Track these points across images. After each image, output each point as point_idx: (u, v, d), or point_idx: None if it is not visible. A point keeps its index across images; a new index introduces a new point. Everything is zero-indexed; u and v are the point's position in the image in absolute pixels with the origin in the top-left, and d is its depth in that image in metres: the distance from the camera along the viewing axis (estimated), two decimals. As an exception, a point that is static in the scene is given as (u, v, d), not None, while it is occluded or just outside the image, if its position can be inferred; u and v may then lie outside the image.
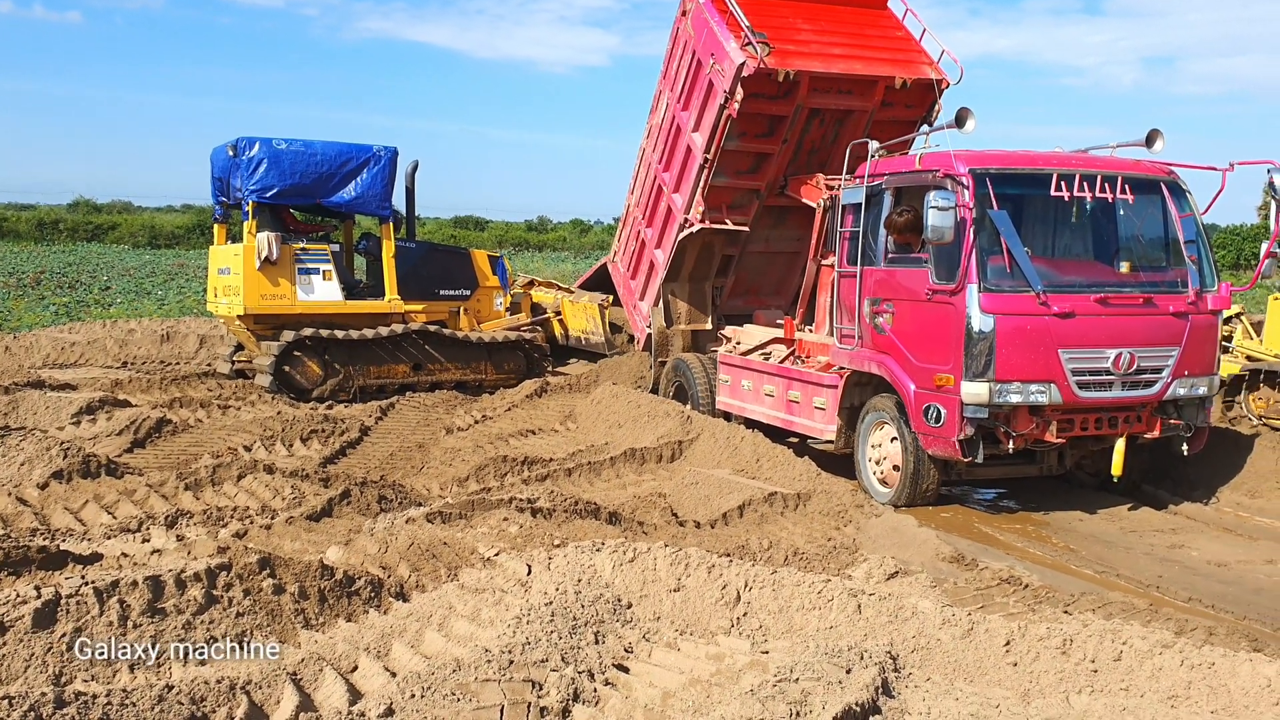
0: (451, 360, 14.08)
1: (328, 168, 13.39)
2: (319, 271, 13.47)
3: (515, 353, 14.60)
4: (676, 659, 4.92)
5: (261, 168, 13.02)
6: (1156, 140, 8.92)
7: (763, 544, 7.16)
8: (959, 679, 4.80)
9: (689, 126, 11.54)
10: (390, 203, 13.90)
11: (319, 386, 13.14)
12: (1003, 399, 8.06)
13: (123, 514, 7.33)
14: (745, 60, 10.40)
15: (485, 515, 7.19)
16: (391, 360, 13.70)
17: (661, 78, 12.32)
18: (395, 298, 13.91)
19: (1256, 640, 5.76)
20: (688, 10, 11.62)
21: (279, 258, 13.08)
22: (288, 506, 7.65)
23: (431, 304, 14.36)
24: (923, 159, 8.78)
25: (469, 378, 14.17)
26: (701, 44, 11.22)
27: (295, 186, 13.24)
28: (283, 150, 13.15)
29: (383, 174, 13.70)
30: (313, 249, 13.54)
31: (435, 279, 14.49)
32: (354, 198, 13.62)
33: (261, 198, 13.09)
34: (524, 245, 60.29)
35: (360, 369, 13.41)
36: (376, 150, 13.71)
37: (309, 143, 13.40)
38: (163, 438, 10.51)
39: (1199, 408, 8.76)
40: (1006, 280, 8.08)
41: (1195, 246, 8.72)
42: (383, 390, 13.49)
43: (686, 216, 11.69)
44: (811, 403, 9.96)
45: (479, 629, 5.10)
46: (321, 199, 13.55)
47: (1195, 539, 8.29)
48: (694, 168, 11.49)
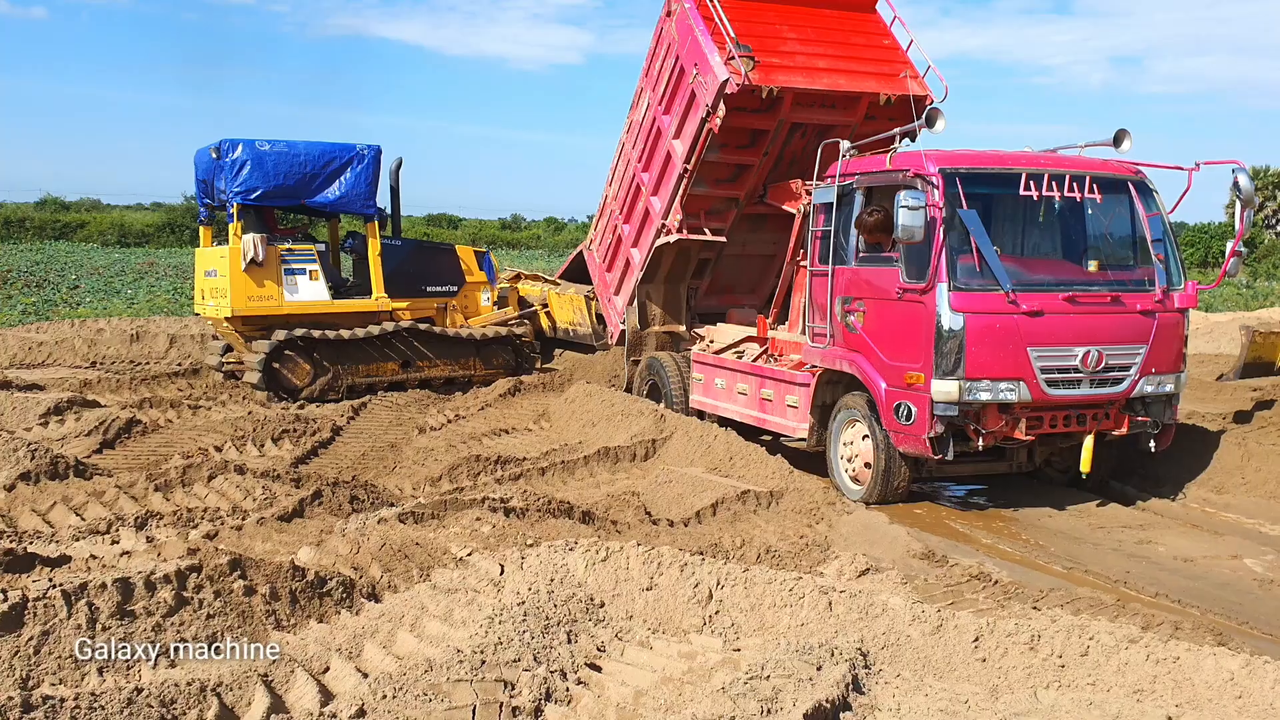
0: (440, 357, 14.12)
1: (311, 168, 13.37)
2: (305, 272, 13.46)
3: (504, 347, 14.65)
4: (649, 657, 4.94)
5: (245, 169, 12.98)
6: (1124, 140, 9.00)
7: (735, 542, 7.19)
8: (928, 675, 4.84)
9: (670, 132, 11.44)
10: (375, 201, 13.88)
11: (309, 386, 13.13)
12: (972, 397, 8.13)
13: (91, 516, 7.27)
14: (729, 77, 10.25)
15: (458, 515, 7.18)
16: (380, 358, 13.73)
17: (644, 75, 12.19)
18: (382, 296, 13.90)
19: (1221, 634, 5.83)
20: (673, 11, 11.43)
21: (265, 259, 13.06)
22: (259, 507, 7.61)
23: (418, 301, 14.38)
24: (893, 159, 8.83)
25: (458, 374, 14.24)
26: (686, 51, 11.04)
27: (280, 188, 13.22)
28: (266, 152, 13.11)
29: (366, 173, 13.68)
30: (299, 249, 13.52)
31: (421, 276, 14.49)
32: (338, 197, 13.60)
33: (246, 199, 13.05)
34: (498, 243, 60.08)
35: (349, 368, 13.43)
36: (360, 149, 13.68)
37: (292, 143, 13.36)
38: (132, 438, 10.43)
39: (1166, 405, 8.86)
40: (976, 279, 8.15)
41: (1162, 245, 8.82)
42: (372, 388, 13.52)
43: (664, 222, 11.62)
44: (784, 401, 10.01)
45: (451, 629, 5.10)
46: (306, 199, 13.52)
47: (1162, 535, 8.39)
48: (673, 175, 11.41)
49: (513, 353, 14.73)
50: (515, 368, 14.64)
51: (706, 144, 10.85)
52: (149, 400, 12.27)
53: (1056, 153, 9.31)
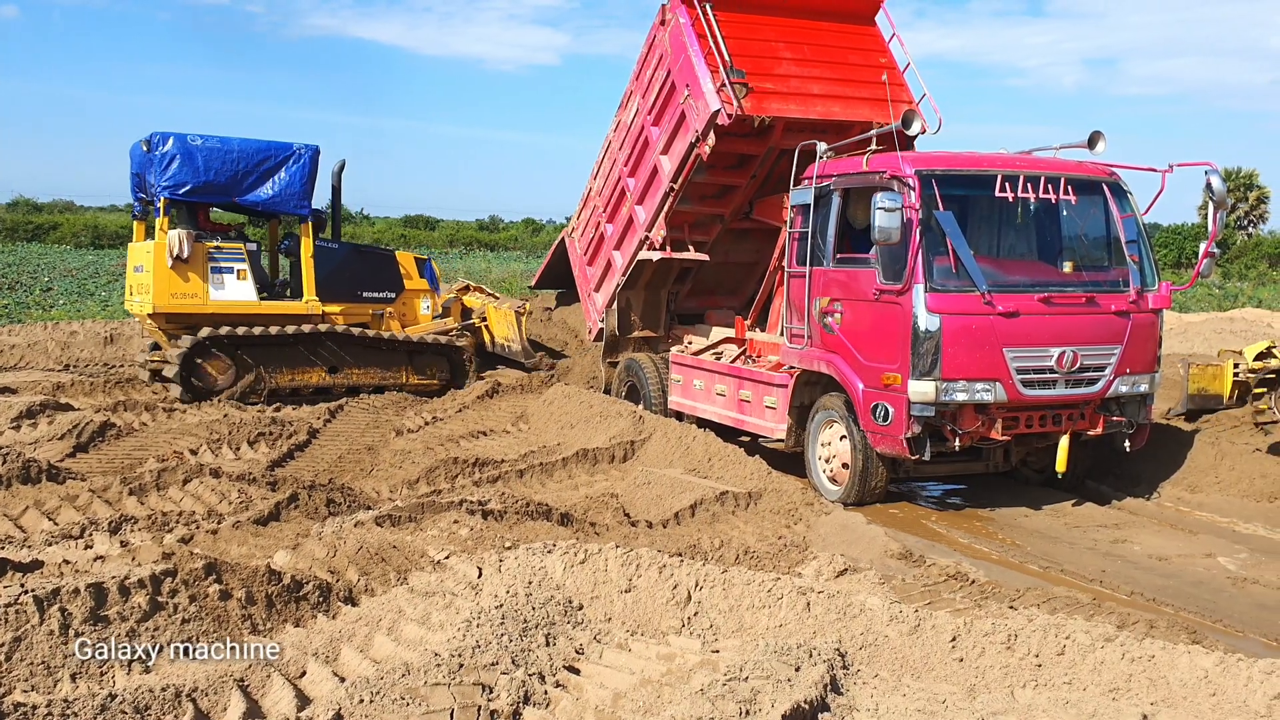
0: (370, 363, 13.64)
1: (244, 165, 13.04)
2: (233, 270, 13.12)
3: (438, 357, 14.16)
4: (627, 660, 4.93)
5: (175, 164, 12.67)
6: (1098, 142, 9.07)
7: (714, 543, 7.19)
8: (906, 675, 4.85)
9: (658, 146, 11.19)
10: (310, 202, 13.54)
11: (229, 387, 12.75)
12: (949, 397, 8.17)
13: (64, 520, 7.20)
14: (721, 107, 9.99)
15: (435, 518, 7.15)
16: (306, 362, 13.29)
17: (634, 78, 11.93)
18: (313, 299, 13.54)
19: (1195, 632, 5.89)
20: (666, 21, 11.02)
21: (190, 255, 12.72)
22: (234, 511, 7.56)
23: (353, 306, 13.96)
24: (870, 160, 8.87)
25: (388, 381, 13.70)
26: (678, 68, 10.68)
27: (210, 184, 12.89)
28: (197, 146, 12.79)
29: (302, 172, 13.35)
30: (227, 247, 13.15)
31: (358, 281, 14.09)
32: (271, 196, 13.26)
33: (174, 194, 12.73)
34: (475, 244, 59.94)
35: (274, 370, 13.04)
36: (297, 148, 13.37)
37: (226, 139, 13.06)
38: (106, 442, 10.32)
39: (1140, 405, 8.93)
40: (952, 280, 8.19)
41: (1136, 246, 8.89)
42: (296, 393, 13.14)
43: (648, 235, 11.48)
44: (762, 402, 10.03)
45: (429, 632, 5.07)
46: (237, 197, 13.17)
47: (1137, 533, 8.46)
48: (659, 190, 11.23)
49: (447, 363, 14.21)
50: (449, 379, 14.10)
51: (694, 167, 10.66)
52: (123, 403, 12.16)
53: (1032, 154, 9.37)
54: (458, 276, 31.87)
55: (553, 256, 16.20)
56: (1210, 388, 12.09)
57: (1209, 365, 12.24)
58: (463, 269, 34.17)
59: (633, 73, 11.89)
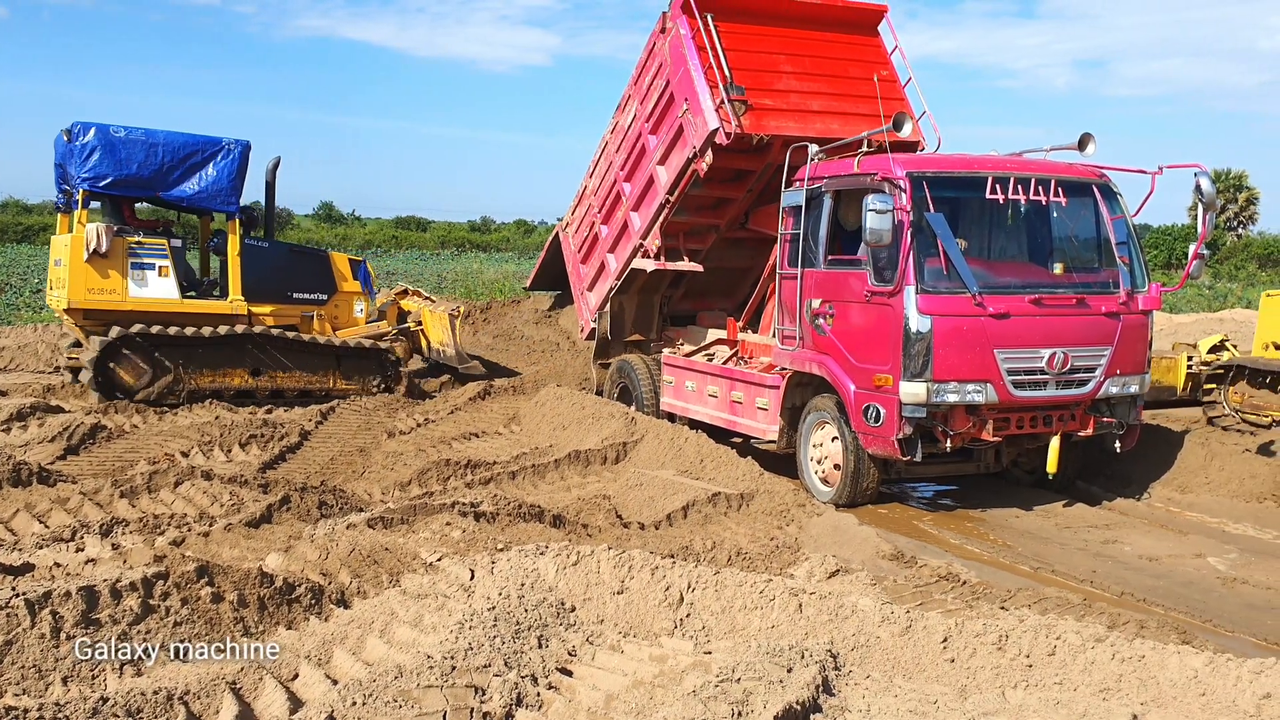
0: (296, 366, 13.19)
1: (169, 159, 12.63)
2: (154, 267, 12.69)
3: (367, 361, 13.62)
4: (620, 661, 4.94)
5: (95, 155, 12.28)
6: (1088, 144, 9.09)
7: (706, 544, 7.20)
8: (898, 676, 4.87)
9: (654, 156, 11.11)
10: (238, 199, 13.12)
11: (146, 388, 12.40)
12: (940, 398, 8.19)
13: (55, 523, 7.18)
14: (719, 126, 9.94)
15: (427, 520, 7.15)
16: (228, 363, 12.86)
17: (632, 83, 11.79)
18: (238, 298, 13.09)
19: (1185, 632, 5.91)
20: (667, 30, 10.85)
21: (109, 250, 12.35)
22: (226, 513, 7.55)
23: (283, 307, 13.47)
24: (861, 162, 8.89)
25: (314, 385, 13.30)
26: (677, 80, 10.56)
27: (132, 177, 12.48)
28: (119, 138, 12.39)
29: (230, 168, 12.92)
30: (149, 243, 12.73)
31: (288, 281, 13.63)
32: (196, 192, 12.82)
33: (94, 186, 12.35)
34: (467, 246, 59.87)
35: (194, 371, 12.66)
36: (226, 143, 12.94)
37: (151, 131, 12.64)
38: (97, 444, 10.30)
39: (1131, 405, 8.96)
40: (943, 282, 8.21)
41: (1126, 248, 8.93)
42: (218, 394, 12.76)
43: (643, 243, 11.44)
44: (754, 403, 10.04)
45: (421, 635, 5.07)
46: (161, 192, 12.80)
47: (1128, 534, 8.49)
48: (655, 199, 11.17)
49: (378, 368, 13.67)
50: (379, 384, 13.62)
51: (691, 181, 10.61)
52: (114, 405, 12.12)
53: (1022, 156, 9.40)
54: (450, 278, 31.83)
55: (548, 253, 16.04)
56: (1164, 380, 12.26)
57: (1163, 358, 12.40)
58: (455, 270, 34.09)
59: (631, 77, 11.79)
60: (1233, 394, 11.72)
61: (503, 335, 18.82)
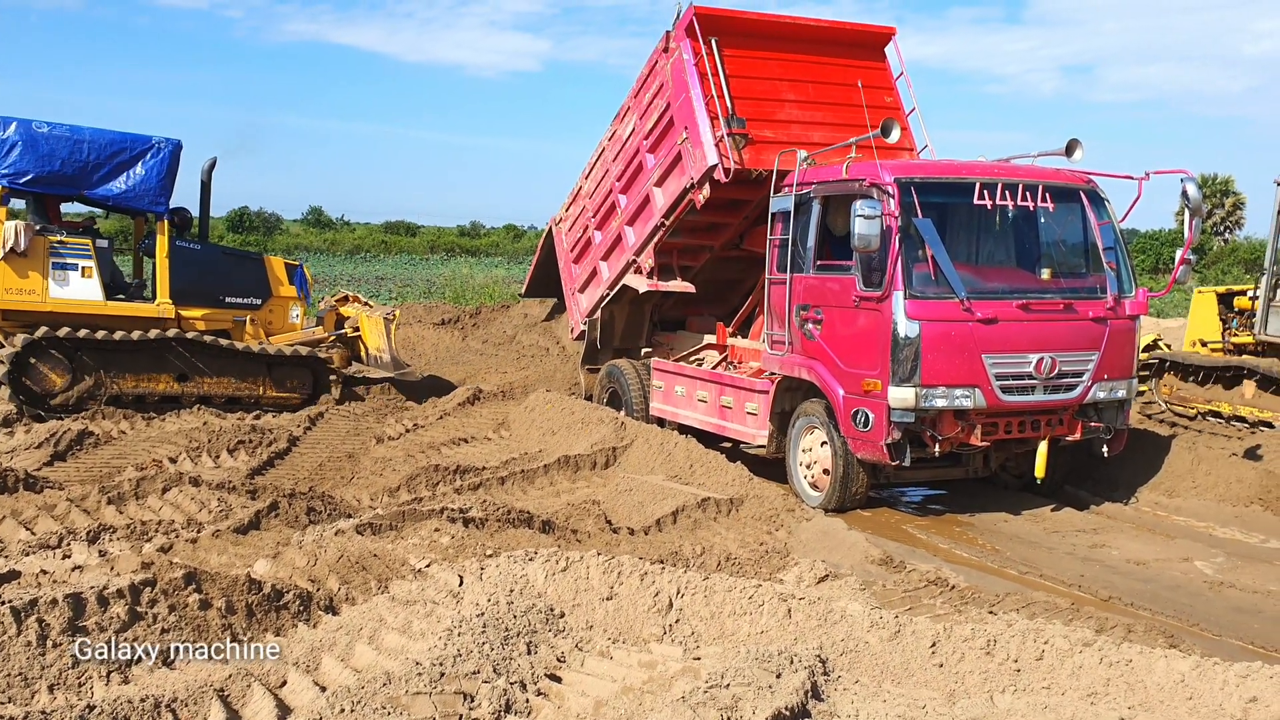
0: (223, 373, 12.76)
1: (94, 156, 12.28)
2: (78, 268, 12.32)
3: (299, 369, 13.25)
4: (609, 667, 4.94)
5: (15, 151, 11.94)
6: (1076, 149, 9.14)
7: (696, 550, 7.20)
8: (886, 681, 4.87)
9: (651, 176, 11.00)
10: (167, 199, 12.76)
11: (64, 393, 11.94)
12: (928, 403, 8.21)
13: (42, 530, 7.14)
14: (718, 163, 9.86)
15: (416, 526, 7.14)
16: (153, 369, 12.45)
17: (632, 96, 11.59)
18: (166, 302, 12.71)
19: (1173, 637, 5.94)
20: (670, 49, 10.61)
21: (28, 249, 12.00)
22: (214, 519, 7.52)
23: (215, 311, 13.05)
24: (849, 168, 8.91)
25: (243, 392, 12.90)
26: (678, 105, 10.40)
27: (54, 174, 12.14)
28: (42, 134, 12.07)
29: (159, 167, 12.57)
30: (72, 242, 12.38)
31: (220, 285, 13.27)
32: (123, 191, 12.48)
33: (14, 184, 12.01)
34: (457, 250, 59.84)
35: (116, 376, 12.30)
36: (156, 141, 12.60)
37: (76, 128, 12.33)
38: (85, 450, 10.26)
39: (1118, 410, 9.00)
40: (931, 287, 8.24)
41: (1114, 253, 8.97)
42: (141, 400, 12.45)
43: (636, 259, 11.41)
44: (744, 408, 10.06)
45: (410, 641, 5.06)
46: (86, 190, 12.46)
47: (1116, 538, 8.52)
48: (650, 220, 11.09)
49: (310, 375, 13.32)
50: (312, 392, 13.27)
51: (687, 208, 10.53)
52: (101, 411, 12.06)
53: (1010, 162, 9.43)
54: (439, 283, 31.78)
55: (542, 254, 15.87)
56: None
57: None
58: (444, 275, 34.05)
59: (631, 89, 11.59)
60: (1162, 387, 12.98)
61: (492, 340, 18.81)
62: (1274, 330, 12.12)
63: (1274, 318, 12.12)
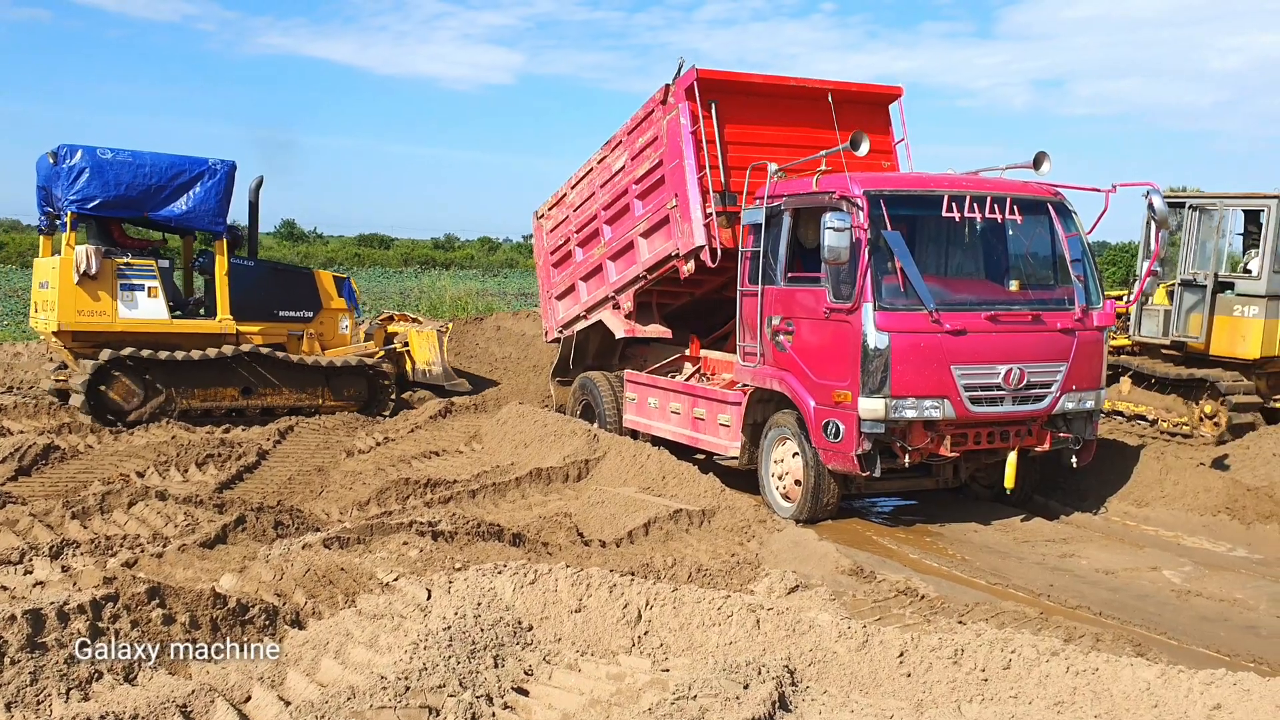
0: (286, 384, 13.33)
1: (156, 180, 12.67)
2: (144, 288, 12.73)
3: (357, 379, 13.79)
4: (577, 680, 4.91)
5: (83, 177, 12.31)
6: (1043, 162, 9.22)
7: (667, 561, 7.18)
8: (854, 691, 4.87)
9: (638, 225, 10.91)
10: (225, 219, 13.19)
11: (138, 409, 12.43)
12: (898, 414, 8.24)
13: (3, 545, 7.04)
14: (705, 244, 9.80)
15: (385, 540, 7.09)
16: (219, 383, 12.95)
17: (625, 132, 11.22)
18: (227, 318, 13.15)
19: (1140, 645, 5.97)
20: (668, 104, 10.28)
21: (99, 272, 12.36)
22: (180, 534, 7.45)
23: (270, 325, 13.56)
24: (819, 181, 8.95)
25: (304, 403, 13.43)
26: (670, 169, 10.24)
27: (120, 198, 12.53)
28: (107, 160, 12.44)
29: (217, 188, 13.00)
30: (137, 264, 12.77)
31: (274, 300, 13.74)
32: (184, 212, 12.88)
33: (82, 209, 12.39)
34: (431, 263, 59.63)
35: (184, 391, 12.70)
36: (212, 164, 13.01)
37: (137, 153, 12.71)
38: (50, 465, 10.14)
39: (1087, 421, 9.06)
40: (901, 299, 8.28)
41: (1081, 265, 9.03)
42: (209, 414, 12.86)
43: (616, 296, 11.39)
44: (716, 420, 10.06)
45: (376, 655, 5.02)
46: (149, 212, 12.82)
47: (1085, 548, 8.57)
48: (632, 266, 11.03)
49: (366, 385, 13.84)
50: (368, 402, 13.82)
51: (670, 271, 10.48)
52: (68, 425, 11.94)
53: (978, 175, 9.50)
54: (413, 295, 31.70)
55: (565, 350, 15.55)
56: None
57: None
58: (418, 287, 33.94)
59: (625, 125, 11.25)
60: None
61: (464, 353, 18.73)
62: (1147, 331, 13.18)
63: (1146, 320, 13.14)
